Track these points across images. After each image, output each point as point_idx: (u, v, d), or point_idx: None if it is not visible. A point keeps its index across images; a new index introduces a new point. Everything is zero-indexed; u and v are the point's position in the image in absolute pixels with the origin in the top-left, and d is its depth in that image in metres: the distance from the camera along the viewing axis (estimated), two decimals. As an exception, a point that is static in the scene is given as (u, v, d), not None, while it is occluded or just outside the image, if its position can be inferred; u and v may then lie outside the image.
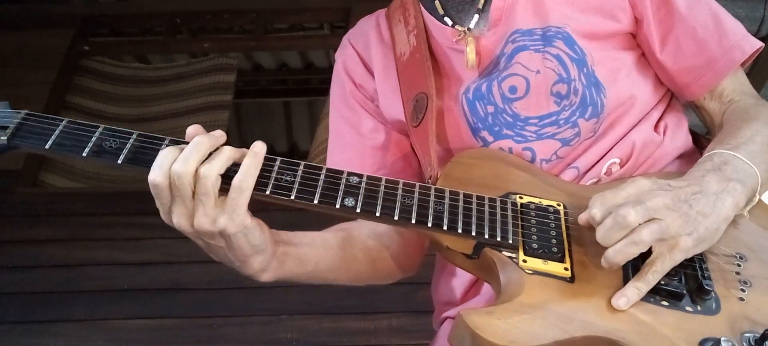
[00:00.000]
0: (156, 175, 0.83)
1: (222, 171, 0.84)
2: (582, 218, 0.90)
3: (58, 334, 2.70)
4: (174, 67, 3.86)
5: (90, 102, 3.60)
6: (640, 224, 0.83)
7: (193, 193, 0.84)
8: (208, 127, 0.88)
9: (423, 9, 1.16)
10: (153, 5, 3.76)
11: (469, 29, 1.10)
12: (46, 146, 0.88)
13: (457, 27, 1.11)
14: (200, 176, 0.82)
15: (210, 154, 0.85)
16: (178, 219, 0.85)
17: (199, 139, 0.85)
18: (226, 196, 0.85)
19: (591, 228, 0.91)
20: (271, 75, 4.61)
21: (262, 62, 4.51)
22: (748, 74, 1.14)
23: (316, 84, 4.52)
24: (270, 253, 0.93)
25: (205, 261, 0.97)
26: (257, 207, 0.87)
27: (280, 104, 4.92)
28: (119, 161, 0.87)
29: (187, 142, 0.86)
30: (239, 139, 5.20)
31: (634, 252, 0.84)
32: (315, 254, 1.02)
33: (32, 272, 2.87)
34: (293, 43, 4.13)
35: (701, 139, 1.17)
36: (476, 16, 1.10)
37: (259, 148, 0.87)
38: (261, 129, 5.15)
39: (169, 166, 0.82)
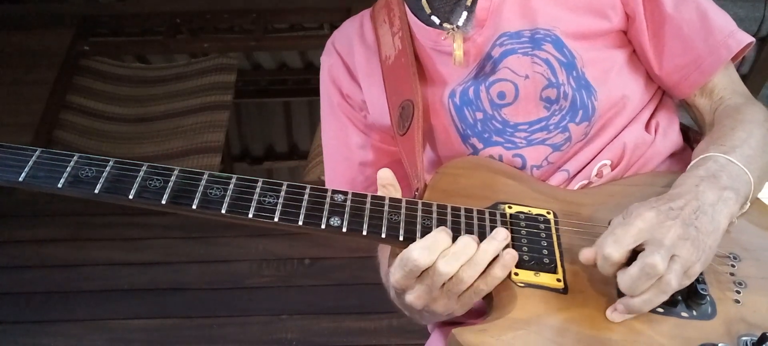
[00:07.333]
0: (421, 256, 0.82)
1: (490, 289, 0.85)
2: (586, 256, 0.85)
3: (58, 334, 2.71)
4: (174, 67, 3.85)
5: (90, 102, 3.60)
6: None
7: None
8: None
9: (407, 9, 1.14)
10: (153, 5, 3.76)
11: (458, 27, 1.06)
12: (20, 179, 0.84)
13: (445, 25, 1.08)
14: (460, 279, 0.83)
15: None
16: (414, 300, 0.86)
17: (480, 257, 0.83)
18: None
19: (582, 237, 0.90)
20: (271, 75, 4.59)
21: (262, 62, 4.49)
22: (748, 74, 1.14)
23: (315, 84, 4.45)
24: None
25: (205, 261, 0.96)
26: (250, 232, 0.87)
27: (280, 104, 4.90)
28: (96, 191, 0.84)
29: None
30: (239, 139, 5.20)
31: (663, 299, 0.82)
32: None
33: (32, 272, 2.87)
34: (293, 43, 4.12)
35: (690, 132, 1.15)
36: (465, 14, 1.06)
37: (508, 259, 0.85)
38: (261, 129, 5.13)
39: (436, 256, 0.82)
